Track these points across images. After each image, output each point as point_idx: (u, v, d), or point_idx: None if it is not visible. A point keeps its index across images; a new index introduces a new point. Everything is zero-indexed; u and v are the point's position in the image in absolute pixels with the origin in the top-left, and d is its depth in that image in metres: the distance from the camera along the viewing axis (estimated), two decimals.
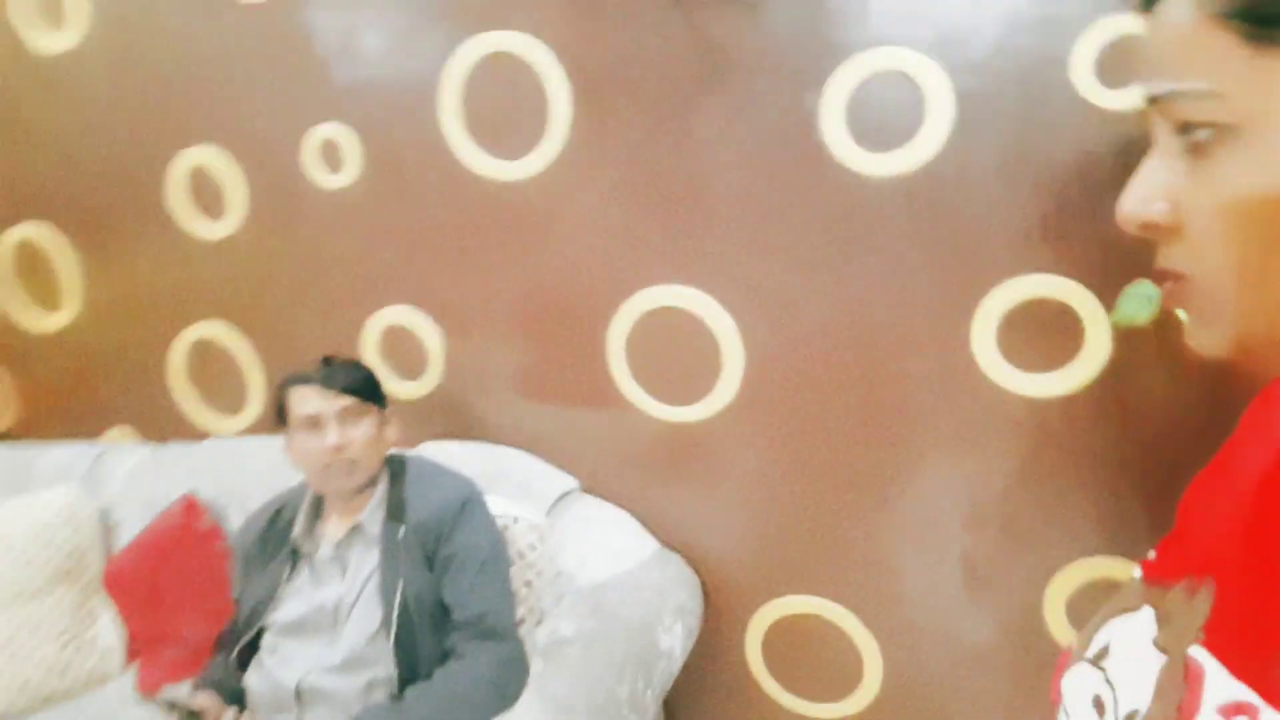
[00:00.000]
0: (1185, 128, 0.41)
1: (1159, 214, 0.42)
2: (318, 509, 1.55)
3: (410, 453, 1.62)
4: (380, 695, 1.39)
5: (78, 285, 2.29)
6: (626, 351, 1.75)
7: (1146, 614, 0.50)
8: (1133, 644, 0.49)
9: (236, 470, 2.00)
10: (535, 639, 1.47)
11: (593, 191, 1.72)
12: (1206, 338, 0.44)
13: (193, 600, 1.92)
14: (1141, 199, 0.43)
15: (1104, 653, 0.52)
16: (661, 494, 1.80)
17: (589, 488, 1.83)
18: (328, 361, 1.52)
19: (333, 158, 1.92)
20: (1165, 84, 0.41)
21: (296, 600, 1.48)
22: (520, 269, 1.81)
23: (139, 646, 1.94)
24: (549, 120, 1.72)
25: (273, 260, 2.05)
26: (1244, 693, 0.40)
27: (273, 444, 2.03)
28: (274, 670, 1.43)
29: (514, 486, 1.71)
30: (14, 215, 2.31)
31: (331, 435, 1.44)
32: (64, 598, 1.92)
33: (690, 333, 1.69)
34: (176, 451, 2.13)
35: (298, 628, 1.46)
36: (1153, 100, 0.42)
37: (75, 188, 2.22)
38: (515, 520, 1.60)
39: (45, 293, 2.33)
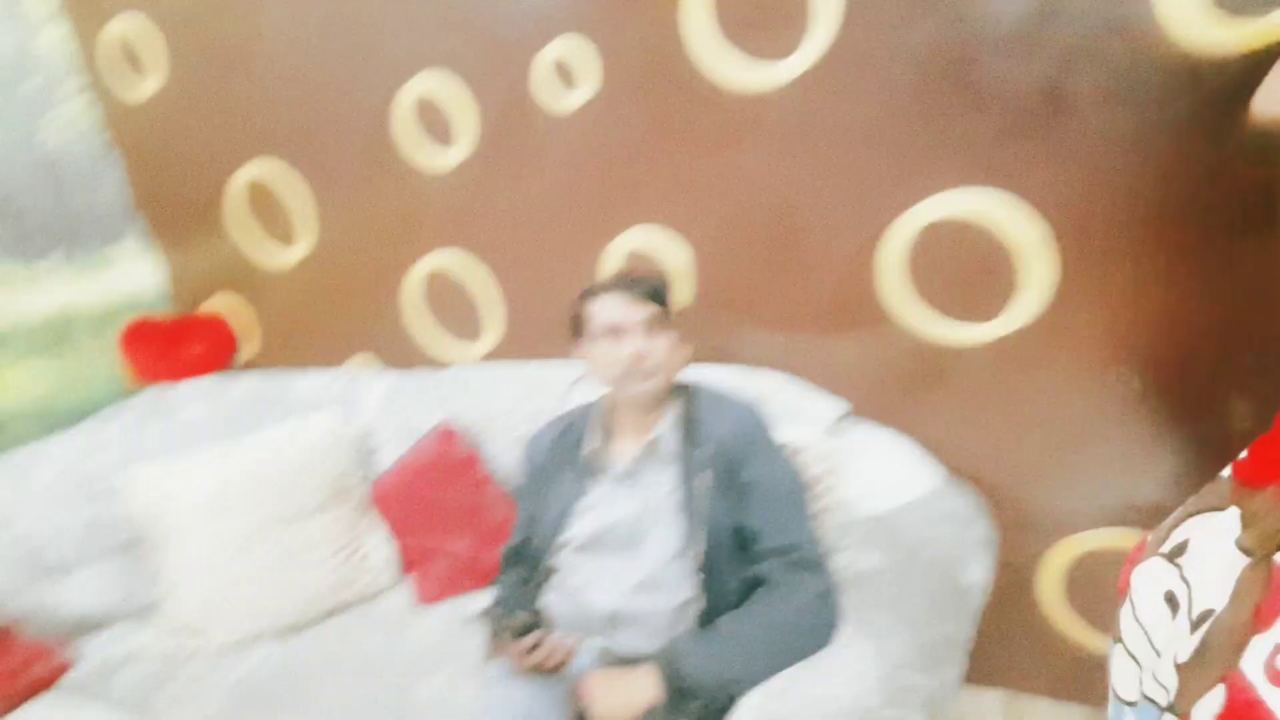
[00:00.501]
0: None
1: None
2: (608, 427, 1.55)
3: (690, 378, 1.58)
4: (687, 619, 1.39)
5: (312, 219, 2.34)
6: (907, 267, 1.64)
7: (1232, 514, 0.48)
8: (1214, 542, 0.49)
9: (486, 397, 2.04)
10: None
11: (858, 96, 1.58)
12: None
13: (458, 520, 1.99)
14: None
15: (1181, 549, 0.51)
16: (938, 420, 1.71)
17: (857, 411, 1.76)
18: (627, 274, 1.51)
19: (566, 76, 1.85)
20: None
21: (591, 517, 1.49)
22: (773, 184, 1.72)
23: (412, 560, 2.04)
24: (809, 19, 1.59)
25: (507, 186, 2.03)
26: None
27: (520, 371, 2.07)
28: (581, 591, 1.45)
29: (782, 411, 1.65)
30: (247, 153, 2.37)
31: (635, 341, 1.44)
32: (337, 516, 2.02)
33: (979, 247, 1.56)
34: (424, 378, 2.19)
35: (594, 545, 1.47)
36: None
37: (305, 123, 2.25)
38: (799, 451, 1.55)
39: (280, 228, 2.40)
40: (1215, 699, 0.44)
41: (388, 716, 1.58)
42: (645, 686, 1.27)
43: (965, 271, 1.58)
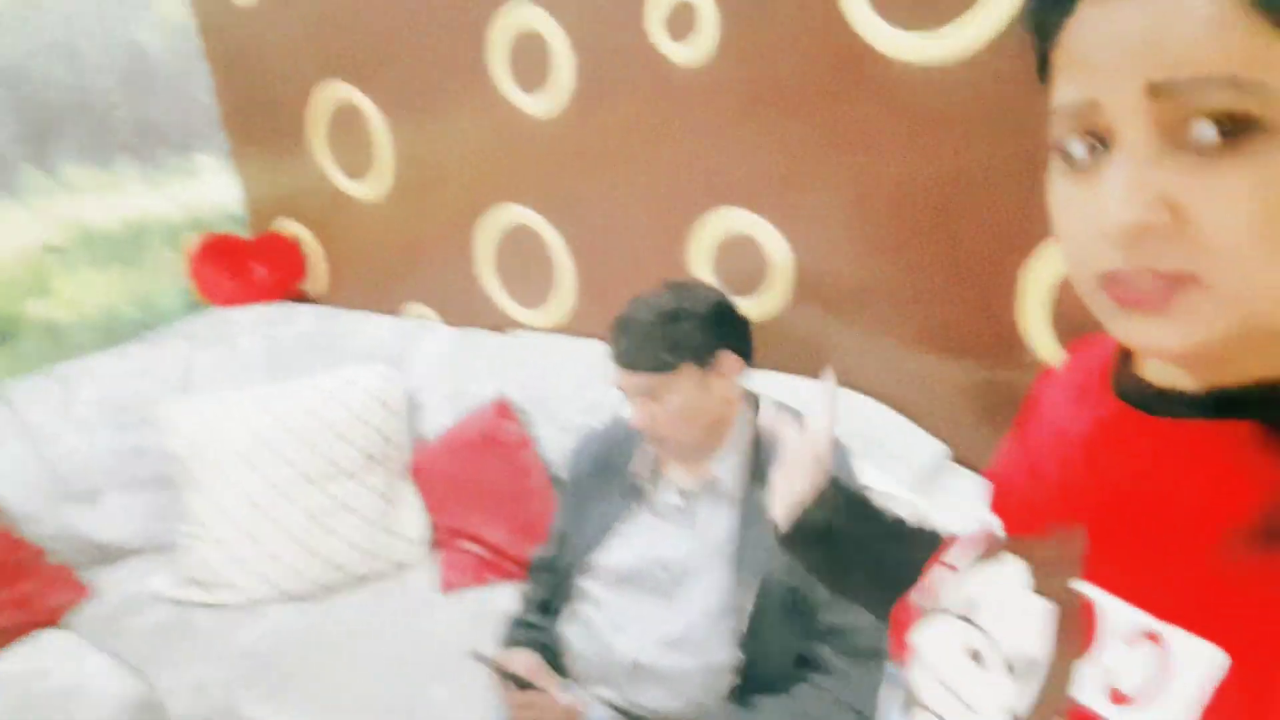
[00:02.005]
0: (1192, 123, 0.38)
1: (1160, 219, 0.39)
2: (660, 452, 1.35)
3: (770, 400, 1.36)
4: (720, 684, 1.20)
5: (388, 154, 2.17)
6: (1050, 296, 1.36)
7: (1015, 563, 0.52)
8: (1006, 592, 0.51)
9: (546, 374, 1.86)
10: None
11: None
12: (1190, 333, 0.40)
13: (497, 504, 1.83)
14: (1142, 204, 0.39)
15: (970, 604, 0.53)
16: None
17: (959, 456, 1.51)
18: (621, 325, 1.27)
19: (683, 22, 1.60)
20: (1195, 70, 0.37)
21: (630, 549, 1.30)
22: (913, 174, 1.45)
23: (440, 538, 1.90)
24: None
25: (598, 144, 1.81)
26: (1142, 618, 0.43)
27: (586, 348, 1.88)
28: (605, 633, 1.27)
29: (871, 445, 1.42)
30: (323, 73, 2.21)
31: (635, 413, 1.26)
32: (375, 480, 1.89)
33: None
34: (483, 341, 2.03)
35: (629, 580, 1.28)
36: (1160, 90, 0.38)
37: (386, 50, 2.07)
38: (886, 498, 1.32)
39: (357, 158, 2.25)
40: None
41: (398, 713, 1.46)
42: None
43: None
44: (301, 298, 2.53)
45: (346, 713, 1.48)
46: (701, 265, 1.74)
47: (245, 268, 2.48)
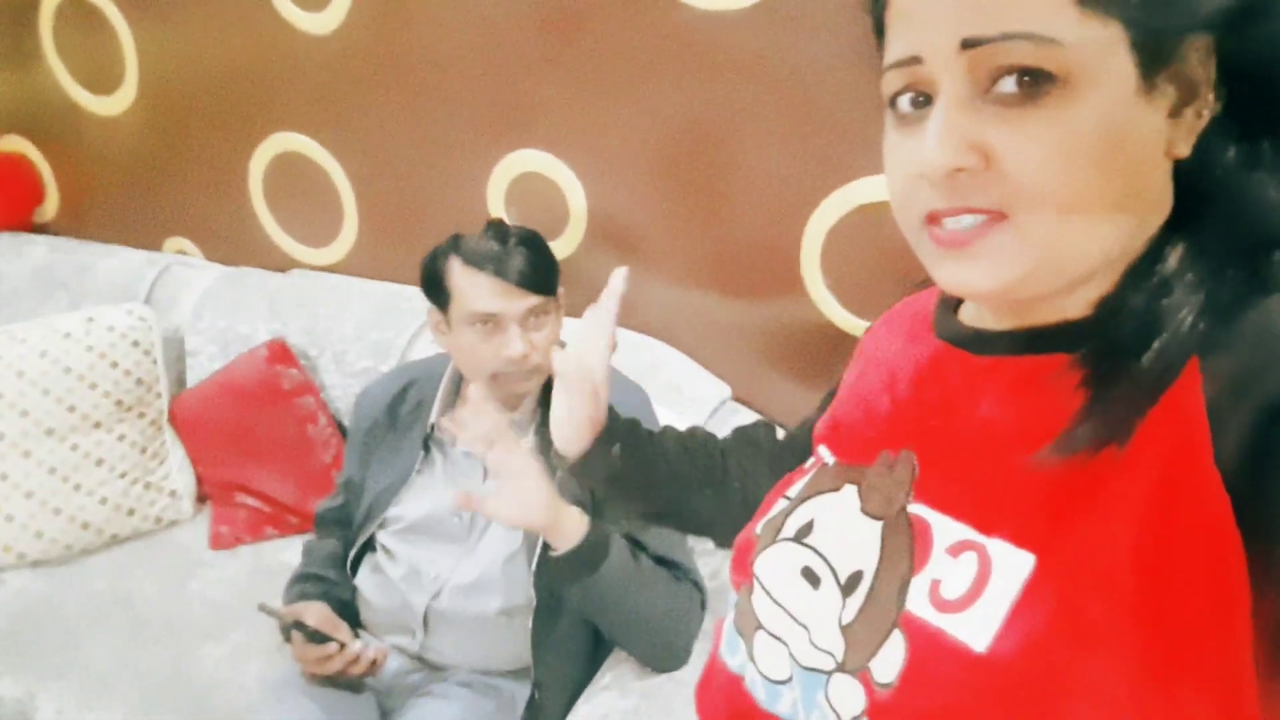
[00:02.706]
0: (999, 76, 0.43)
1: (972, 161, 0.44)
2: (456, 390, 1.32)
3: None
4: (517, 624, 1.21)
5: (134, 63, 1.93)
6: (839, 245, 1.44)
7: (849, 490, 0.56)
8: (840, 517, 0.55)
9: (331, 315, 1.75)
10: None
11: (827, 30, 1.33)
12: (997, 272, 0.45)
13: (273, 454, 1.72)
14: (954, 148, 0.44)
15: (807, 529, 0.57)
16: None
17: (739, 395, 1.59)
18: (501, 237, 1.20)
19: None
20: (1001, 28, 0.42)
21: (424, 496, 1.27)
22: (700, 121, 1.48)
23: (209, 492, 1.76)
24: None
25: (380, 67, 1.69)
26: (965, 531, 0.48)
27: (369, 288, 1.79)
28: (399, 584, 1.24)
29: (663, 388, 1.47)
30: None
31: (515, 343, 1.16)
32: (130, 431, 1.71)
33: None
34: (256, 279, 1.87)
35: (423, 529, 1.26)
36: (971, 44, 0.43)
37: None
38: None
39: (97, 68, 1.98)
40: (896, 647, 0.47)
41: (154, 685, 1.35)
42: (567, 519, 1.06)
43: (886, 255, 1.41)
44: (31, 228, 2.21)
45: (107, 682, 1.35)
46: (496, 205, 1.70)
47: None
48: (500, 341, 1.16)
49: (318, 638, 1.13)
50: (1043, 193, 0.43)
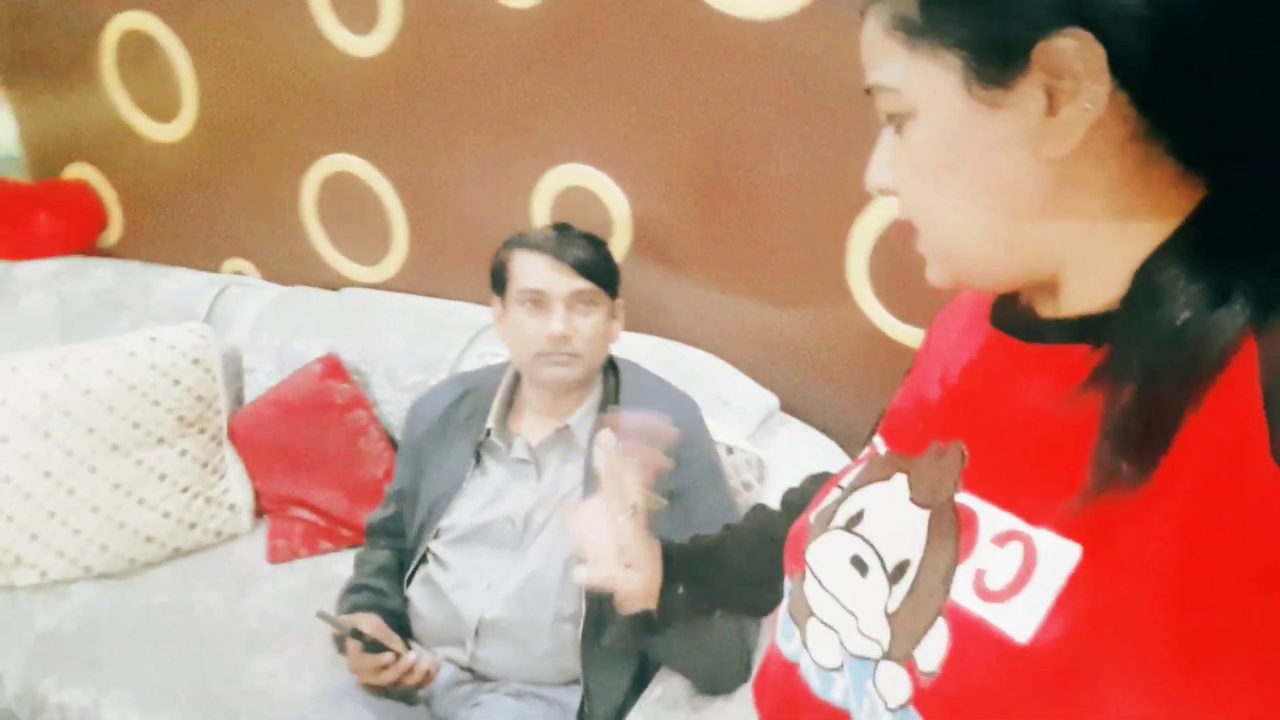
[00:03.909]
0: (888, 115, 0.52)
1: (884, 181, 0.54)
2: (511, 398, 1.33)
3: (620, 356, 1.37)
4: (567, 634, 1.21)
5: (192, 91, 1.99)
6: (884, 251, 1.42)
7: (899, 479, 0.57)
8: (889, 505, 0.56)
9: (379, 334, 1.79)
10: None
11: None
12: (933, 271, 0.54)
13: (327, 468, 1.76)
14: (873, 171, 0.55)
15: (857, 518, 0.58)
16: (870, 420, 1.54)
17: (787, 405, 1.58)
18: (562, 230, 1.28)
19: None
20: (869, 79, 0.52)
21: (477, 504, 1.28)
22: (739, 130, 1.48)
23: (267, 506, 1.80)
24: None
25: (428, 88, 1.73)
26: (1012, 521, 0.48)
27: (420, 305, 1.82)
28: (450, 594, 1.25)
29: (710, 399, 1.46)
30: (112, 4, 1.99)
31: (556, 320, 1.20)
32: (192, 446, 1.76)
33: None
34: (310, 298, 1.92)
35: (475, 537, 1.27)
36: (867, 91, 0.53)
37: None
38: (730, 450, 1.37)
39: (157, 96, 2.05)
40: (939, 636, 0.47)
41: (213, 694, 1.38)
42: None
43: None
44: (94, 253, 2.29)
45: (165, 692, 1.38)
46: (541, 219, 1.71)
47: (26, 216, 2.22)
48: (544, 320, 1.21)
49: (374, 647, 1.14)
50: (912, 204, 0.53)
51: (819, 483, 0.82)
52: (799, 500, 0.82)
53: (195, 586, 1.62)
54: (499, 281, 1.28)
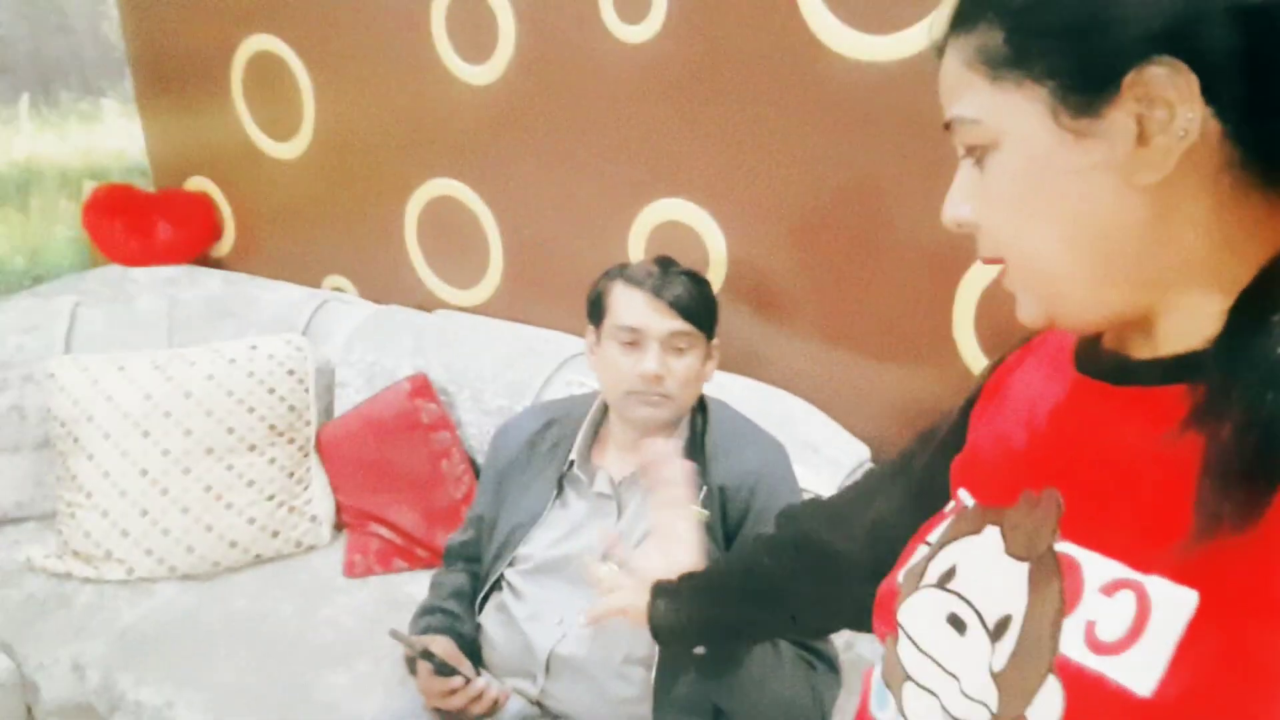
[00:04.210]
0: (967, 148, 0.52)
1: (962, 215, 0.53)
2: (596, 430, 1.31)
3: (710, 395, 1.34)
4: (639, 676, 1.17)
5: (310, 112, 2.07)
6: (979, 304, 1.37)
7: (990, 532, 0.54)
8: (984, 560, 0.54)
9: (468, 355, 1.80)
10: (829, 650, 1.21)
11: None
12: (1024, 308, 0.53)
13: (408, 487, 1.76)
14: (952, 204, 0.54)
15: (950, 575, 0.55)
16: None
17: (878, 458, 1.52)
18: (665, 265, 1.25)
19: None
20: (948, 112, 0.52)
21: (554, 533, 1.26)
22: (854, 174, 1.44)
23: (347, 520, 1.82)
24: None
25: (535, 118, 1.75)
26: (1119, 569, 0.46)
27: (510, 334, 1.82)
28: (523, 625, 1.23)
29: (799, 447, 1.41)
30: (244, 27, 2.08)
31: (650, 360, 1.18)
32: (280, 455, 1.80)
33: None
34: (404, 317, 1.95)
35: (551, 569, 1.24)
36: (946, 126, 0.53)
37: (316, 2, 1.96)
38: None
39: (278, 116, 2.13)
40: (1053, 694, 0.44)
41: (286, 703, 1.38)
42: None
43: None
44: (207, 262, 2.39)
45: (236, 698, 1.39)
46: (637, 253, 1.70)
47: (148, 224, 2.32)
48: (638, 358, 1.18)
49: (445, 669, 1.13)
50: (997, 238, 0.52)
51: (810, 504, 0.88)
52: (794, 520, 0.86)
53: (273, 594, 1.64)
54: (596, 312, 1.27)
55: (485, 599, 1.31)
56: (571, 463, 1.27)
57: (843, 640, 1.21)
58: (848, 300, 1.51)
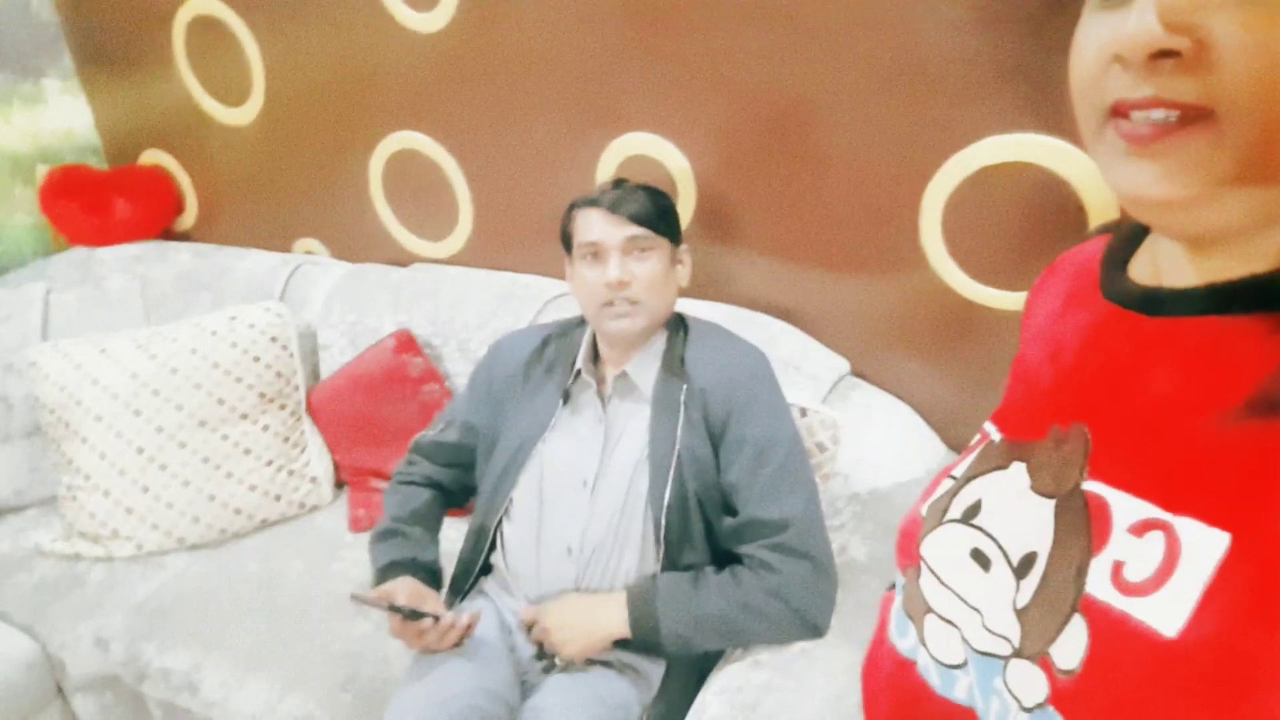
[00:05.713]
0: None
1: (1182, 44, 0.38)
2: (596, 345, 1.36)
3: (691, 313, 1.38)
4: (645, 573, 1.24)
5: (259, 74, 2.03)
6: (960, 209, 1.39)
7: (1017, 468, 0.53)
8: (1009, 496, 0.52)
9: (450, 306, 1.81)
10: None
11: None
12: (1184, 180, 0.40)
13: (402, 439, 1.77)
14: (1167, 26, 0.38)
15: (975, 509, 0.54)
16: (945, 385, 1.52)
17: (858, 370, 1.57)
18: (619, 184, 1.30)
19: None
20: None
21: (557, 444, 1.30)
22: (811, 90, 1.46)
23: (347, 478, 1.86)
24: None
25: (489, 65, 1.74)
26: (1149, 509, 0.44)
27: (490, 281, 1.84)
28: (535, 525, 1.28)
29: (781, 366, 1.45)
30: None
31: (612, 268, 1.23)
32: (273, 421, 1.82)
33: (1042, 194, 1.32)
34: (380, 274, 1.95)
35: (557, 475, 1.29)
36: None
37: None
38: (804, 412, 1.37)
39: (227, 81, 2.09)
40: (1077, 632, 0.44)
41: (310, 655, 1.43)
42: (611, 622, 1.18)
43: (1014, 221, 1.36)
44: (173, 236, 2.37)
45: (261, 656, 1.44)
46: None
47: (105, 202, 2.29)
48: (603, 270, 1.24)
49: (413, 615, 1.16)
50: (1260, 90, 0.38)
51: None
52: None
53: (283, 555, 1.68)
54: (566, 240, 1.32)
55: (499, 518, 1.32)
56: (578, 372, 1.31)
57: (837, 544, 1.27)
58: (816, 217, 1.53)
